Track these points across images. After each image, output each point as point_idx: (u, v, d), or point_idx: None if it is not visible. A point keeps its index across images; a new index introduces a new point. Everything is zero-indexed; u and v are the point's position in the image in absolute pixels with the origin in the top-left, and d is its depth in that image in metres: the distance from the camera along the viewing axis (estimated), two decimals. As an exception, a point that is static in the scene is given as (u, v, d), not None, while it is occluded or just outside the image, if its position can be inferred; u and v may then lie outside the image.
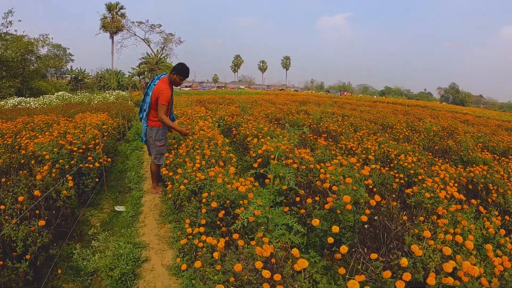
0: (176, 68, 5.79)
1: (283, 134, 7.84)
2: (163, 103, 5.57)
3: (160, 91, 5.56)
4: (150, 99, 5.68)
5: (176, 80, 5.78)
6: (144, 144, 6.43)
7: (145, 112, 5.83)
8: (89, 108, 13.57)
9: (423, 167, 6.46)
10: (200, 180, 4.50)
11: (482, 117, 28.38)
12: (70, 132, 6.92)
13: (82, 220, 5.17)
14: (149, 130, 5.88)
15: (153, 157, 6.02)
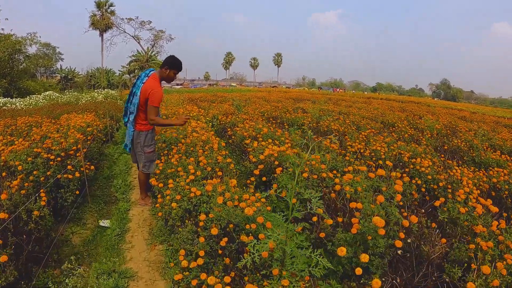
0: (168, 61, 5.07)
1: (285, 135, 7.20)
2: (155, 105, 4.88)
3: (151, 91, 4.84)
4: (138, 99, 4.92)
5: (170, 75, 5.12)
6: (129, 153, 5.63)
7: (132, 115, 5.07)
8: (76, 108, 12.93)
9: (440, 172, 5.89)
10: (196, 196, 3.79)
11: (477, 113, 28.57)
12: (51, 137, 6.23)
13: (61, 240, 4.47)
14: (136, 135, 5.13)
15: (142, 165, 5.29)
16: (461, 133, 11.46)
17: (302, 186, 2.87)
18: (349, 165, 4.96)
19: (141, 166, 5.32)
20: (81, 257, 4.12)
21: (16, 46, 30.50)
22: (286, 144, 5.98)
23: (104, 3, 50.30)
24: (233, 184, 3.93)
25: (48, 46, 53.81)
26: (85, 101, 19.83)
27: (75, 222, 5.02)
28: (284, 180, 4.54)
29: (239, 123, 9.00)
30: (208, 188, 3.75)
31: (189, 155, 5.32)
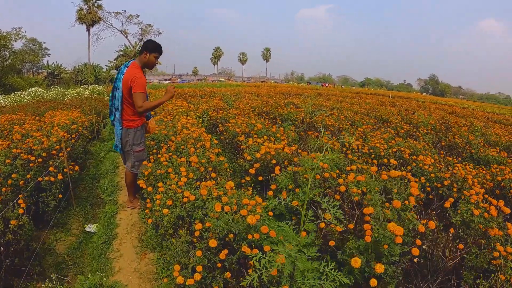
0: (148, 45, 4.68)
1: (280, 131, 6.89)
2: (140, 91, 4.45)
3: (132, 78, 4.44)
4: (121, 92, 4.54)
5: (151, 60, 4.68)
6: (119, 153, 5.21)
7: (117, 111, 4.67)
8: (61, 105, 12.58)
9: (442, 170, 5.68)
10: (189, 201, 3.44)
11: (467, 109, 28.90)
12: (33, 135, 5.86)
13: (44, 249, 4.11)
14: (124, 133, 4.74)
15: (131, 165, 4.91)
16: (455, 129, 11.42)
17: (316, 193, 2.47)
18: (352, 164, 4.68)
19: (129, 165, 4.93)
20: (66, 267, 3.80)
21: (1, 41, 29.84)
22: (282, 141, 5.67)
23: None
24: (230, 187, 3.59)
25: (35, 41, 52.79)
26: (71, 97, 19.49)
27: (59, 228, 4.66)
28: (284, 181, 4.25)
29: (231, 118, 8.68)
30: (202, 192, 3.40)
31: (179, 154, 4.99)
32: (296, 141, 7.16)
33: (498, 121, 18.52)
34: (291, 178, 4.31)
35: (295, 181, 4.34)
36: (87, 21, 49.31)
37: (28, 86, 29.26)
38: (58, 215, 4.77)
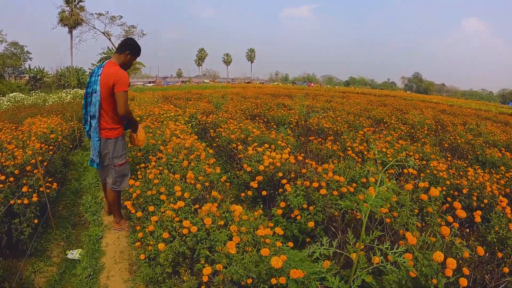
0: (128, 44, 4.17)
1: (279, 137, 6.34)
2: (125, 89, 3.93)
3: (115, 76, 3.89)
4: (99, 96, 3.95)
5: (130, 61, 4.18)
6: (97, 169, 4.55)
7: (94, 120, 4.06)
8: (41, 111, 11.94)
9: (456, 176, 5.34)
10: (191, 233, 2.84)
11: (454, 106, 29.29)
12: (7, 148, 5.28)
13: (21, 283, 3.52)
14: (103, 144, 4.15)
15: (112, 181, 4.32)
16: (451, 128, 11.27)
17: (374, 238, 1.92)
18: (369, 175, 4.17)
19: (110, 182, 4.34)
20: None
21: (-20, 45, 29.06)
22: (285, 149, 5.12)
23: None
24: (238, 212, 2.99)
25: (16, 45, 51.70)
26: (52, 102, 18.76)
27: (37, 256, 4.04)
28: (297, 200, 3.71)
29: (222, 123, 8.14)
30: (206, 221, 2.82)
31: (171, 168, 4.41)
32: (297, 147, 6.64)
33: (488, 118, 18.52)
34: (303, 195, 3.78)
35: (307, 198, 3.80)
36: (69, 23, 48.20)
37: (9, 91, 28.40)
38: (36, 239, 4.17)
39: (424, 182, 4.24)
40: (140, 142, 4.60)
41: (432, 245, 2.82)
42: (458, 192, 4.77)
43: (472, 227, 4.06)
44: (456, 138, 8.71)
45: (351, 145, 6.44)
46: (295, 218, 3.68)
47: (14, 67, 48.66)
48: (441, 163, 5.50)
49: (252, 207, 4.84)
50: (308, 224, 3.34)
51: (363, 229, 1.86)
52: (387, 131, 8.53)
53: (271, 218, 4.05)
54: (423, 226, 3.29)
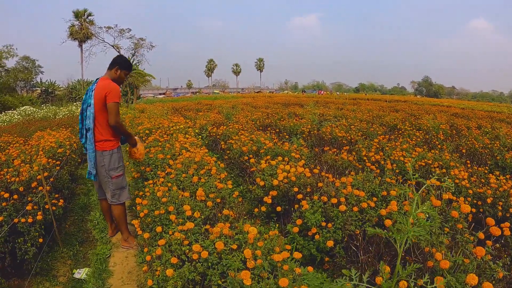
0: (118, 61, 4.32)
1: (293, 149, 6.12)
2: (116, 100, 4.01)
3: (107, 88, 4.00)
4: (93, 109, 4.02)
5: (121, 76, 4.31)
6: (94, 181, 4.45)
7: (89, 132, 4.09)
8: (51, 124, 11.96)
9: (477, 184, 5.07)
10: (203, 260, 2.63)
11: (466, 109, 28.96)
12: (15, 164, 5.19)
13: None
14: (99, 156, 4.13)
15: (110, 195, 4.25)
16: (466, 132, 10.99)
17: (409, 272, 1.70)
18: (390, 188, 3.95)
19: (110, 196, 4.27)
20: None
21: (-9, 60, 29.38)
22: (300, 161, 4.90)
23: (82, 13, 48.67)
24: (253, 234, 2.76)
25: (28, 59, 52.29)
26: (62, 115, 18.92)
27: (43, 276, 3.89)
28: (315, 217, 3.50)
29: (233, 134, 7.94)
30: (218, 246, 2.60)
31: (180, 184, 4.23)
32: (311, 158, 6.42)
33: (502, 120, 18.08)
34: (321, 212, 3.56)
35: (325, 214, 3.59)
36: (79, 37, 48.62)
37: (21, 105, 28.62)
38: (42, 258, 4.04)
39: (447, 193, 4.02)
40: (141, 155, 4.59)
41: (463, 265, 2.60)
42: (482, 202, 4.56)
43: (499, 240, 3.81)
44: (474, 143, 8.45)
45: (367, 154, 6.22)
46: (312, 236, 3.46)
47: (26, 81, 49.19)
48: (462, 171, 5.27)
49: (266, 222, 4.64)
50: (327, 243, 3.13)
51: (398, 262, 1.65)
52: (402, 138, 8.29)
53: (286, 235, 3.85)
54: (452, 245, 3.06)
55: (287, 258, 2.47)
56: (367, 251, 3.16)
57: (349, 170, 5.38)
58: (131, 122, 11.08)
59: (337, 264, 3.31)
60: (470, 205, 4.27)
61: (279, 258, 2.40)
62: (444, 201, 3.85)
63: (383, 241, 3.14)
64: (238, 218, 3.59)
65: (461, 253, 2.81)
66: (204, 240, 2.79)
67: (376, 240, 3.20)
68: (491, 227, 2.79)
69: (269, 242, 2.76)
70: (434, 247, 2.83)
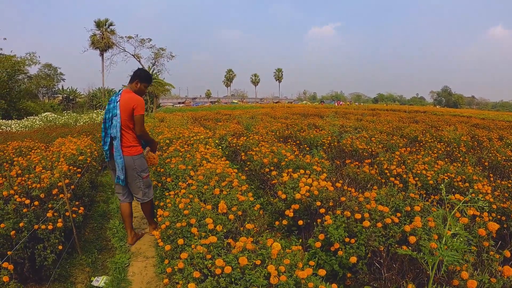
0: (139, 74, 4.74)
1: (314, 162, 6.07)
2: (142, 112, 4.53)
3: (134, 101, 4.49)
4: (120, 119, 4.46)
5: (141, 88, 4.74)
6: (122, 186, 4.77)
7: (115, 140, 4.51)
8: (72, 131, 12.08)
9: (499, 197, 4.96)
10: (225, 275, 2.56)
11: (486, 119, 28.32)
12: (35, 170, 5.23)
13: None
14: (129, 161, 4.57)
15: (141, 194, 4.75)
16: (488, 144, 10.71)
17: None
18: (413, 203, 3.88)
19: (141, 195, 4.77)
20: None
21: (15, 66, 29.83)
22: (322, 175, 4.84)
23: (104, 23, 49.34)
24: (277, 250, 2.70)
25: (50, 66, 53.22)
26: (83, 122, 19.12)
27: (61, 282, 3.89)
28: (338, 232, 3.45)
29: (254, 146, 7.91)
30: (242, 261, 2.56)
31: (202, 196, 4.22)
32: (332, 171, 6.35)
33: (524, 130, 17.55)
34: (344, 227, 3.50)
35: (348, 230, 3.53)
36: (101, 46, 49.25)
37: (42, 111, 29.00)
38: (61, 264, 4.07)
39: (471, 209, 3.93)
40: (157, 161, 5.06)
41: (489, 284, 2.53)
42: (506, 217, 4.41)
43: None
44: (496, 155, 8.27)
45: (389, 167, 6.13)
46: (334, 251, 3.41)
47: (48, 88, 49.93)
48: (486, 185, 5.15)
49: (287, 236, 4.58)
50: (350, 259, 3.08)
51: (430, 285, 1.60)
52: (424, 151, 8.17)
53: (307, 250, 3.80)
54: (478, 263, 2.98)
55: (310, 275, 2.43)
56: (391, 268, 3.09)
57: (371, 184, 5.30)
58: (151, 131, 11.16)
59: (360, 281, 3.24)
60: (494, 220, 4.19)
61: (304, 275, 2.36)
62: (468, 217, 3.77)
63: (407, 258, 3.07)
64: (260, 232, 3.56)
65: (487, 271, 2.74)
66: (226, 255, 2.76)
67: (400, 257, 3.13)
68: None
69: (292, 258, 2.71)
70: (460, 265, 2.76)
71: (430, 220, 3.34)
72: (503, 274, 2.56)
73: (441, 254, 1.69)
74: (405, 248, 2.92)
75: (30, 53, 32.48)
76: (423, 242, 2.78)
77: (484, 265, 2.91)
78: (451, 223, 1.78)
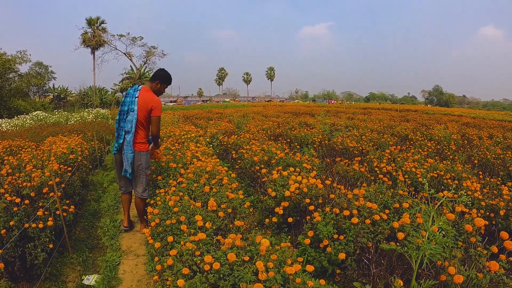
0: (160, 75, 4.86)
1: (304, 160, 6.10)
2: (160, 114, 4.76)
3: (153, 102, 4.67)
4: (136, 115, 4.64)
5: (160, 89, 4.90)
6: (129, 178, 4.94)
7: (129, 134, 4.67)
8: (63, 130, 11.94)
9: (490, 196, 4.98)
10: (214, 271, 2.58)
11: (477, 118, 28.68)
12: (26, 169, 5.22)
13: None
14: (138, 156, 4.75)
15: (141, 190, 4.89)
16: (478, 142, 10.80)
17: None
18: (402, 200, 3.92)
19: (140, 191, 4.91)
20: None
21: (5, 64, 29.51)
22: (312, 172, 4.87)
23: (95, 21, 49.10)
24: (265, 246, 2.73)
25: (41, 65, 53.06)
26: (74, 121, 19.05)
27: (52, 281, 3.88)
28: (327, 229, 3.48)
29: (245, 144, 7.92)
30: (230, 257, 2.58)
31: (192, 193, 4.24)
32: (322, 169, 6.38)
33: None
34: (333, 224, 3.53)
35: (337, 226, 3.56)
36: (92, 44, 49.00)
37: (33, 110, 28.79)
38: (52, 263, 4.05)
39: (459, 205, 3.98)
40: (160, 156, 5.23)
41: (476, 279, 2.56)
42: (495, 214, 4.49)
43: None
44: (486, 153, 8.35)
45: (379, 165, 6.17)
46: (323, 248, 3.44)
47: (39, 86, 49.59)
48: (475, 183, 5.21)
49: (277, 233, 4.61)
50: (339, 255, 3.11)
51: (413, 278, 1.63)
52: (414, 149, 8.22)
53: (297, 247, 3.83)
54: (465, 259, 3.02)
55: (299, 271, 2.45)
56: (379, 264, 3.13)
57: (361, 181, 5.34)
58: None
59: (349, 277, 3.28)
60: (482, 217, 4.24)
61: (292, 271, 2.38)
62: (456, 214, 3.82)
63: (395, 254, 3.11)
64: (250, 229, 3.58)
65: (474, 267, 2.77)
66: (215, 251, 2.78)
67: (388, 253, 3.16)
68: (505, 241, 2.74)
69: (281, 254, 2.74)
70: (447, 260, 2.80)
71: (418, 217, 3.37)
72: (490, 269, 2.59)
73: (424, 248, 1.71)
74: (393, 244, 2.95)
75: (21, 51, 32.21)
76: (411, 238, 2.82)
77: (472, 261, 2.94)
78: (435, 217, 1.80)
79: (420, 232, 2.99)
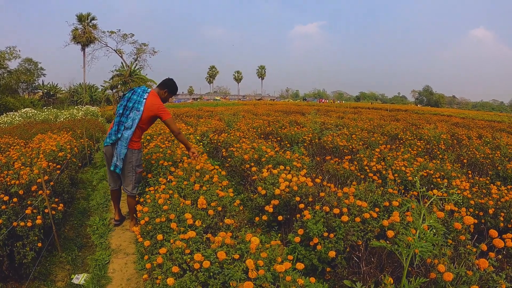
0: (170, 84, 5.15)
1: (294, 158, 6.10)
2: (170, 116, 4.92)
3: (158, 108, 4.85)
4: (140, 115, 4.75)
5: (167, 98, 5.19)
6: (118, 173, 4.96)
7: (127, 130, 4.74)
8: (52, 127, 11.91)
9: (479, 195, 5.03)
10: (204, 270, 2.57)
11: (466, 118, 28.99)
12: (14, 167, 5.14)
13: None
14: (130, 153, 4.79)
15: (131, 187, 4.92)
16: (467, 142, 10.95)
17: (415, 286, 1.69)
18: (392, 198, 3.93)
19: (130, 189, 4.94)
20: None
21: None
22: (302, 171, 4.88)
23: (86, 17, 48.63)
24: (255, 244, 2.73)
25: (30, 61, 52.42)
26: (63, 118, 18.87)
27: (41, 280, 3.84)
28: (317, 227, 3.48)
29: (235, 142, 7.91)
30: (220, 256, 2.57)
31: (182, 191, 4.23)
32: (312, 167, 6.40)
33: (502, 129, 18.02)
34: (323, 222, 3.54)
35: (327, 224, 3.57)
36: (82, 41, 48.56)
37: (22, 107, 28.54)
38: (41, 262, 4.02)
39: (449, 204, 4.00)
40: (197, 155, 5.21)
41: (466, 277, 2.58)
42: (484, 212, 4.53)
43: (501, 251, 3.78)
44: (475, 153, 8.42)
45: (368, 164, 6.19)
46: (314, 246, 3.44)
47: (28, 83, 49.21)
48: (464, 182, 5.26)
49: (267, 231, 4.62)
50: (329, 253, 3.12)
51: (404, 276, 1.63)
52: (404, 148, 8.26)
53: (287, 245, 3.83)
54: (455, 257, 3.04)
55: (289, 269, 2.45)
56: (369, 262, 3.14)
57: (351, 180, 5.35)
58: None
59: (339, 275, 3.29)
60: (472, 215, 4.27)
61: (282, 269, 2.38)
62: (446, 212, 3.84)
63: (385, 252, 3.12)
64: (240, 227, 3.57)
65: (464, 264, 2.79)
66: (205, 249, 2.77)
67: (378, 251, 3.17)
68: (494, 239, 2.76)
69: (271, 252, 2.74)
70: (437, 258, 2.82)
71: (408, 215, 3.39)
72: (480, 267, 2.61)
73: (415, 245, 1.72)
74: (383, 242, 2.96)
75: (10, 47, 32.01)
76: (401, 236, 2.83)
77: (461, 258, 2.96)
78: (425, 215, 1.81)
79: (410, 230, 3.02)
